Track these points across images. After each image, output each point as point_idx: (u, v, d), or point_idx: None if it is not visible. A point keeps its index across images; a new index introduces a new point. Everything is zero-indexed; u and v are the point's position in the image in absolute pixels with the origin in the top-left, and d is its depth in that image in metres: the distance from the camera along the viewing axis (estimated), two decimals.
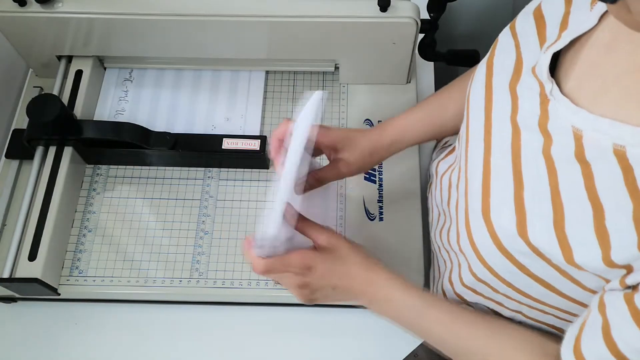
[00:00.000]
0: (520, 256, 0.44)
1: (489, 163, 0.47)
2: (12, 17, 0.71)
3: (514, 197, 0.44)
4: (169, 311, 0.72)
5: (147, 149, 0.73)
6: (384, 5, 0.69)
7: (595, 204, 0.38)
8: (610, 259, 0.37)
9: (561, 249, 0.40)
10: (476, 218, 0.47)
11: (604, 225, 0.38)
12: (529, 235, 0.42)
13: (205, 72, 0.83)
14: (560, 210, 0.41)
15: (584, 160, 0.40)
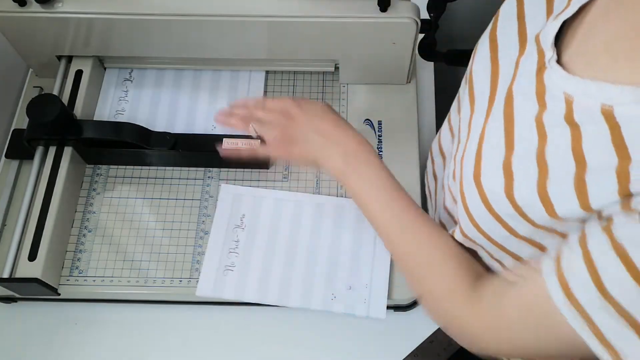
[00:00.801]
0: (508, 218, 0.46)
1: (484, 130, 0.49)
2: (12, 17, 0.71)
3: (504, 161, 0.45)
4: (169, 311, 0.72)
5: (147, 149, 0.73)
6: (384, 5, 0.69)
7: (579, 161, 0.40)
8: (589, 206, 0.39)
9: (543, 205, 0.42)
10: (468, 183, 0.49)
11: (584, 179, 0.39)
12: (514, 196, 0.44)
13: (205, 72, 0.83)
14: (545, 170, 0.42)
15: (573, 122, 0.41)
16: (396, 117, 0.80)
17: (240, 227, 0.72)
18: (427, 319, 0.71)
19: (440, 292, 0.54)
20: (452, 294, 0.52)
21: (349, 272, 0.70)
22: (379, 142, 0.78)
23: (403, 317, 0.72)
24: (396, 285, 0.70)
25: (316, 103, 0.63)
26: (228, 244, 0.71)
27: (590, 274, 0.38)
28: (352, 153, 0.58)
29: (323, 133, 0.59)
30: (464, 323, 0.51)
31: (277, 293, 0.69)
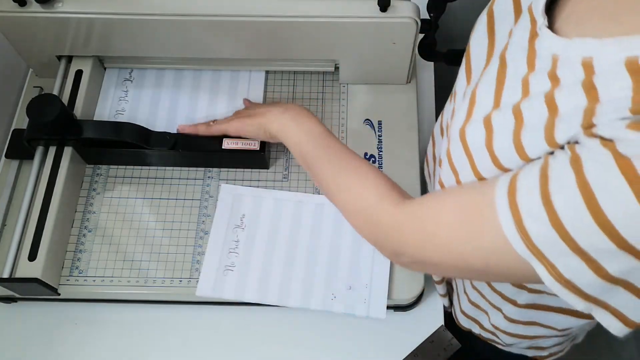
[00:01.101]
0: (488, 173, 0.47)
1: (475, 94, 0.51)
2: (12, 17, 0.71)
3: (485, 117, 0.48)
4: (169, 311, 0.72)
5: (147, 149, 0.73)
6: (384, 5, 0.69)
7: (552, 108, 0.41)
8: (554, 141, 0.41)
9: (517, 152, 0.44)
10: (455, 141, 0.51)
11: (554, 124, 0.41)
12: (493, 147, 0.46)
13: (205, 72, 0.83)
14: (520, 120, 0.44)
15: (554, 76, 0.43)
16: (396, 117, 0.80)
17: (240, 227, 0.72)
18: (427, 319, 0.72)
19: (370, 202, 0.56)
20: (381, 201, 0.55)
21: (349, 272, 0.70)
22: (379, 142, 0.78)
23: (403, 317, 0.72)
24: (396, 285, 0.70)
25: None
26: (228, 244, 0.71)
27: (540, 180, 0.40)
28: (291, 111, 0.67)
29: (272, 105, 0.70)
30: (394, 229, 0.52)
31: (277, 293, 0.69)
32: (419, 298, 0.72)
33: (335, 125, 0.80)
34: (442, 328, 0.71)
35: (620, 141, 0.36)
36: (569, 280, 0.40)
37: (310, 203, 0.74)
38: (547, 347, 0.74)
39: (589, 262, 0.39)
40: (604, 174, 0.37)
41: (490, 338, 0.74)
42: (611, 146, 0.36)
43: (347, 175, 0.60)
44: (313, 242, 0.72)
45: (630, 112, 0.36)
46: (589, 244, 0.38)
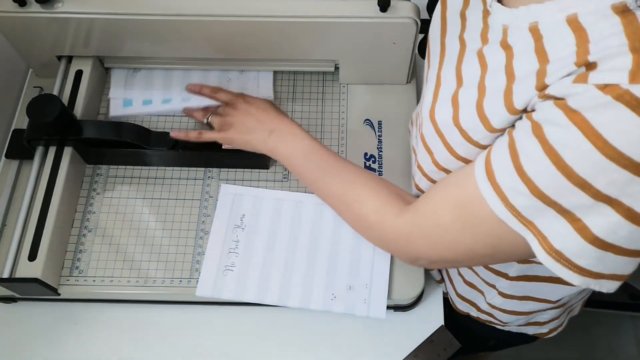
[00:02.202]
0: (459, 147, 0.50)
1: (439, 77, 0.54)
2: (12, 17, 0.71)
3: (452, 95, 0.51)
4: (169, 311, 0.72)
5: (147, 149, 0.73)
6: (384, 5, 0.69)
7: (509, 75, 0.44)
8: (513, 107, 0.43)
9: (482, 123, 0.46)
10: (426, 123, 0.54)
11: (511, 89, 0.44)
12: (460, 122, 0.49)
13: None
14: (483, 93, 0.47)
15: (507, 45, 0.46)
16: (396, 117, 0.80)
17: (240, 227, 0.72)
18: (427, 319, 0.72)
19: (372, 209, 0.59)
20: (382, 217, 0.57)
21: (349, 272, 0.70)
22: (379, 142, 0.78)
23: (403, 317, 0.72)
24: (396, 285, 0.70)
25: (260, 99, 0.75)
26: (228, 244, 0.71)
27: (511, 157, 0.42)
28: (277, 130, 0.69)
29: (256, 118, 0.71)
30: (403, 241, 0.55)
31: (277, 293, 0.69)
32: (419, 298, 0.72)
33: (335, 125, 0.80)
34: (442, 328, 0.71)
35: (570, 97, 0.38)
36: (559, 252, 0.41)
37: (310, 203, 0.74)
38: (545, 322, 0.75)
39: (574, 222, 0.40)
40: (562, 133, 0.39)
41: (488, 320, 0.75)
42: (563, 104, 0.38)
43: (343, 194, 0.63)
44: (313, 242, 0.72)
45: (576, 65, 0.38)
46: (571, 204, 0.40)
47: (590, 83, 0.37)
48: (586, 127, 0.37)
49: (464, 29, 0.53)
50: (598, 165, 0.37)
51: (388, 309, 0.69)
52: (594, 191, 0.38)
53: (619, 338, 1.44)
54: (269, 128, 0.69)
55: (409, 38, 0.73)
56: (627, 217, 0.38)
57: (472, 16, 0.52)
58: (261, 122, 0.70)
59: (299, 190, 0.75)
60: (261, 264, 0.70)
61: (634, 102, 0.35)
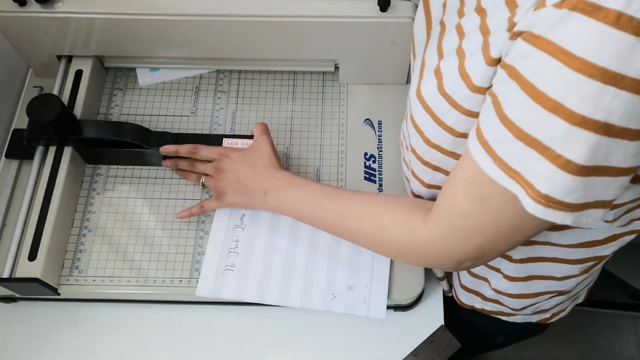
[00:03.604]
0: (446, 116, 0.50)
1: (424, 61, 0.55)
2: (12, 17, 0.71)
3: (435, 68, 0.51)
4: (169, 311, 0.72)
5: (147, 149, 0.73)
6: (383, 5, 0.69)
7: (484, 32, 0.45)
8: (490, 56, 0.43)
9: (464, 82, 0.47)
10: (414, 103, 0.54)
11: (488, 42, 0.44)
12: (445, 89, 0.49)
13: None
14: (462, 56, 0.47)
15: (481, 9, 0.46)
16: (396, 117, 0.80)
17: (240, 227, 0.72)
18: (427, 319, 0.72)
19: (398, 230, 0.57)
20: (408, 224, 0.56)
21: (349, 272, 0.70)
22: (379, 142, 0.78)
23: (403, 317, 0.72)
24: (396, 285, 0.70)
25: (243, 151, 0.71)
26: (228, 244, 0.71)
27: (495, 111, 0.42)
28: (271, 189, 0.67)
29: (245, 181, 0.68)
30: (437, 250, 0.54)
31: (277, 293, 0.69)
32: (419, 298, 0.72)
33: (335, 125, 0.80)
34: (442, 328, 0.71)
35: (534, 26, 0.38)
36: (547, 196, 0.41)
37: None
38: (550, 309, 0.75)
39: (556, 159, 0.40)
40: (532, 63, 0.39)
41: (495, 309, 0.74)
42: (528, 35, 0.39)
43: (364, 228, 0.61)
44: (313, 242, 0.72)
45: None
46: (549, 137, 0.39)
47: (548, 5, 0.37)
48: (550, 47, 0.37)
49: (444, 14, 0.54)
50: (566, 81, 0.37)
51: (388, 309, 0.69)
52: (568, 113, 0.38)
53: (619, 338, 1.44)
54: (262, 189, 0.67)
55: (409, 38, 0.73)
56: (605, 134, 0.38)
57: (451, 2, 0.53)
58: (253, 182, 0.68)
59: None
60: (261, 264, 0.70)
61: (588, 8, 0.35)
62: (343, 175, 0.76)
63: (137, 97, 0.82)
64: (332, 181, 0.76)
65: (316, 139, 0.79)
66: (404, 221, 0.56)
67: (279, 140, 0.79)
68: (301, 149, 0.78)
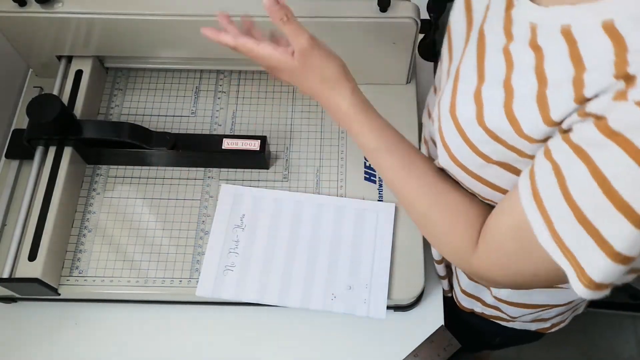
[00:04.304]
0: (482, 145, 0.49)
1: (459, 70, 0.52)
2: (12, 17, 0.71)
3: (474, 91, 0.49)
4: (169, 311, 0.72)
5: (147, 149, 0.73)
6: (384, 5, 0.69)
7: (541, 79, 0.42)
8: (550, 118, 0.42)
9: (511, 125, 0.45)
10: (445, 117, 0.52)
11: (545, 94, 0.42)
12: (485, 121, 0.47)
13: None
14: (510, 93, 0.45)
15: (536, 46, 0.44)
16: (396, 117, 0.79)
17: (240, 227, 0.72)
18: (427, 319, 0.72)
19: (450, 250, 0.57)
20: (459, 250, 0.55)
21: (349, 272, 0.70)
22: None
23: (403, 317, 0.72)
24: (396, 285, 0.70)
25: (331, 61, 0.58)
26: (228, 244, 0.71)
27: (558, 183, 0.41)
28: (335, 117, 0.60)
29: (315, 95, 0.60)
30: (474, 267, 0.54)
31: (277, 293, 0.69)
32: (419, 298, 0.72)
33: (335, 125, 0.80)
34: (442, 328, 0.71)
35: (611, 115, 0.37)
36: (599, 283, 0.41)
37: (310, 203, 0.74)
38: (549, 319, 0.75)
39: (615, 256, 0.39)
40: (609, 158, 0.37)
41: (494, 314, 0.74)
42: (604, 126, 0.37)
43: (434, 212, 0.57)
44: (313, 242, 0.72)
45: (615, 78, 0.37)
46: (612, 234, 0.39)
47: (630, 100, 0.36)
48: (631, 149, 0.36)
49: (485, 19, 0.51)
50: None
51: (388, 309, 0.69)
52: (637, 217, 0.37)
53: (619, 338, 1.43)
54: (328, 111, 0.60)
55: (409, 38, 0.73)
56: None
57: (495, 6, 0.50)
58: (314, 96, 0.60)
59: (299, 190, 0.75)
60: (261, 264, 0.70)
61: None
62: (343, 175, 0.76)
63: (137, 97, 0.82)
64: (332, 181, 0.76)
65: (316, 139, 0.79)
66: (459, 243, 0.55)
67: (279, 140, 0.79)
68: (301, 149, 0.78)
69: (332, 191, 0.75)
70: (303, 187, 0.76)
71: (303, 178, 0.76)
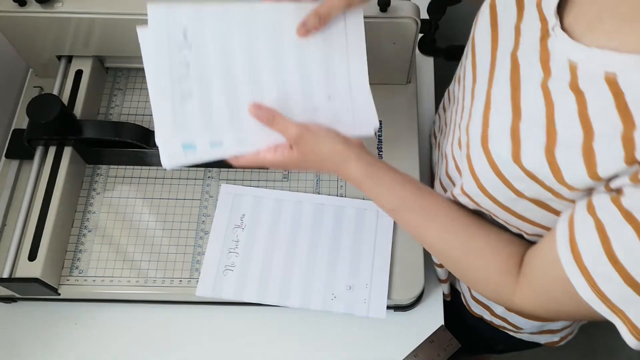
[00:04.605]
0: (516, 182, 0.47)
1: (489, 96, 0.50)
2: (12, 17, 0.71)
3: (511, 127, 0.46)
4: (169, 311, 0.72)
5: (147, 149, 0.73)
6: (384, 5, 0.69)
7: (587, 128, 0.41)
8: (597, 175, 0.40)
9: (552, 171, 0.43)
10: (475, 147, 0.50)
11: (592, 146, 0.40)
12: (522, 161, 0.45)
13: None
14: (553, 137, 0.43)
15: (577, 89, 0.42)
16: (396, 117, 0.80)
17: (240, 227, 0.72)
18: (427, 319, 0.72)
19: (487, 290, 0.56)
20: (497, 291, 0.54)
21: (349, 272, 0.70)
22: (379, 142, 0.78)
23: (403, 317, 0.72)
24: (396, 285, 0.70)
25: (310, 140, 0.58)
26: (228, 244, 0.71)
27: (601, 242, 0.40)
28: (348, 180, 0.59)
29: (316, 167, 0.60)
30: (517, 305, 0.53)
31: (277, 293, 0.69)
32: (419, 298, 0.72)
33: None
34: (442, 328, 0.71)
35: None
36: None
37: (310, 203, 0.74)
38: (558, 331, 0.74)
39: None
40: None
41: (502, 325, 0.74)
42: None
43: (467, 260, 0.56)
44: (313, 242, 0.72)
45: None
46: None
47: None
48: None
49: (517, 45, 0.49)
50: None
51: (388, 309, 0.69)
52: None
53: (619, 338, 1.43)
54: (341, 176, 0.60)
55: (409, 38, 0.73)
56: None
57: (528, 33, 0.47)
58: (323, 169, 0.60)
59: (299, 190, 0.75)
60: (261, 264, 0.70)
61: None
62: None
63: (137, 97, 0.82)
64: (332, 181, 0.76)
65: None
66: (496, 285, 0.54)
67: None
68: None
69: (332, 191, 0.75)
70: (303, 187, 0.76)
71: (303, 178, 0.76)
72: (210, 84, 0.59)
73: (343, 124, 0.60)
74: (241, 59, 0.59)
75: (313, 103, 0.61)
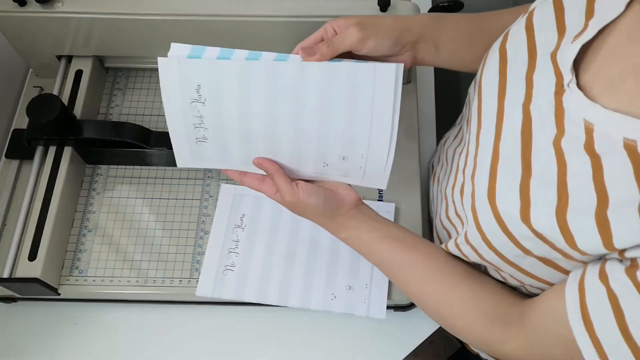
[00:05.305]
0: (525, 240, 0.45)
1: (497, 148, 0.48)
2: (12, 17, 0.71)
3: (520, 184, 0.45)
4: (169, 311, 0.72)
5: (147, 149, 0.73)
6: (384, 5, 0.69)
7: (601, 195, 0.39)
8: (612, 245, 0.38)
9: (563, 236, 0.41)
10: (482, 201, 0.48)
11: (606, 215, 0.38)
12: (531, 221, 0.43)
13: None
14: (565, 199, 0.41)
15: (593, 152, 0.40)
16: None
17: (240, 227, 0.72)
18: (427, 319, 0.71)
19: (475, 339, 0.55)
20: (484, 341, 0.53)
21: (349, 272, 0.70)
22: None
23: (403, 317, 0.72)
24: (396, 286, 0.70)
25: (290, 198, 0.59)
26: (228, 244, 0.71)
27: (615, 315, 0.38)
28: None
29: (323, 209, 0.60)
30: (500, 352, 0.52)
31: (277, 293, 0.69)
32: None
33: None
34: (442, 328, 0.71)
35: None
36: None
37: None
38: None
39: None
40: None
41: None
42: None
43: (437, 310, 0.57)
44: (313, 242, 0.72)
45: None
46: None
47: None
48: None
49: (529, 97, 0.47)
50: None
51: (388, 309, 0.69)
52: None
53: None
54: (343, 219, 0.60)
55: None
56: None
57: (541, 85, 0.46)
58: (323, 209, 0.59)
59: None
60: (261, 264, 0.70)
61: None
62: None
63: (137, 97, 0.82)
64: None
65: None
66: (482, 333, 0.53)
67: None
68: None
69: None
70: None
71: None
72: (224, 135, 0.59)
73: (351, 179, 0.61)
74: (258, 113, 0.57)
75: (326, 160, 0.60)
